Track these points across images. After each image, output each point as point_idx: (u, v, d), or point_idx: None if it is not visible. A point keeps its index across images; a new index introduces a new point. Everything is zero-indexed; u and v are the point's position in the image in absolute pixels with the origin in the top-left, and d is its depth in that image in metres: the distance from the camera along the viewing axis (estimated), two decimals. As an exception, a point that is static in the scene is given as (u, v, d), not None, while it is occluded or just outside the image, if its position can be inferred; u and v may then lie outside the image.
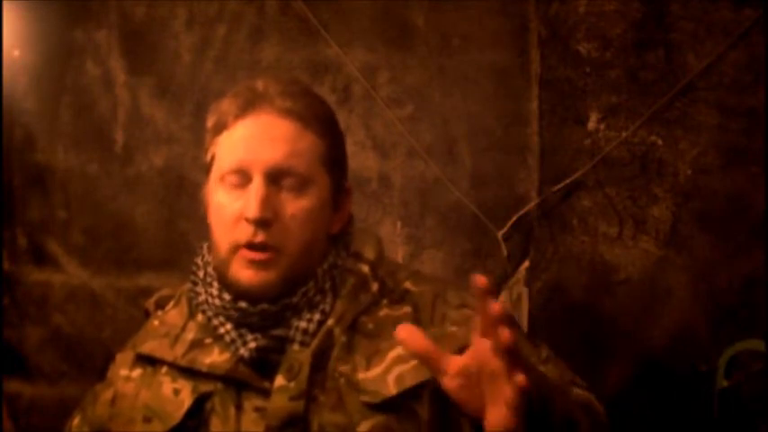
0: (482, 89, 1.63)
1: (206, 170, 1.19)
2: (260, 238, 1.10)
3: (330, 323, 1.13)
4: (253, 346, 1.12)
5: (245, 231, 1.11)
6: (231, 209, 1.13)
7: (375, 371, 1.10)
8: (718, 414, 1.49)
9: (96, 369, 1.61)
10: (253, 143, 1.13)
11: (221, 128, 1.16)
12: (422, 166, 1.66)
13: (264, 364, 1.12)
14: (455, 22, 1.63)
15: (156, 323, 1.23)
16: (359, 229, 1.26)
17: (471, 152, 1.64)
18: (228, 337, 1.14)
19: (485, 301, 0.83)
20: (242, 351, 1.12)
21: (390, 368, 1.10)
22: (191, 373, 1.14)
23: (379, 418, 1.08)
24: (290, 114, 1.14)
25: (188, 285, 1.22)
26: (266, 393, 1.10)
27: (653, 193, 1.54)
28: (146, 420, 1.14)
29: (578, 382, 1.18)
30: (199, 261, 1.22)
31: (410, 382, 1.09)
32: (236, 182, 1.13)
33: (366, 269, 1.18)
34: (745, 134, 1.49)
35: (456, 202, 1.64)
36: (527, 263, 1.61)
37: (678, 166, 1.53)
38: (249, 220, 1.10)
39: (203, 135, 1.20)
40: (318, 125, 1.16)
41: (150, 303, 1.29)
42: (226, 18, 1.76)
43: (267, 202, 1.11)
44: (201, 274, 1.20)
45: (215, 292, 1.16)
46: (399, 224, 1.68)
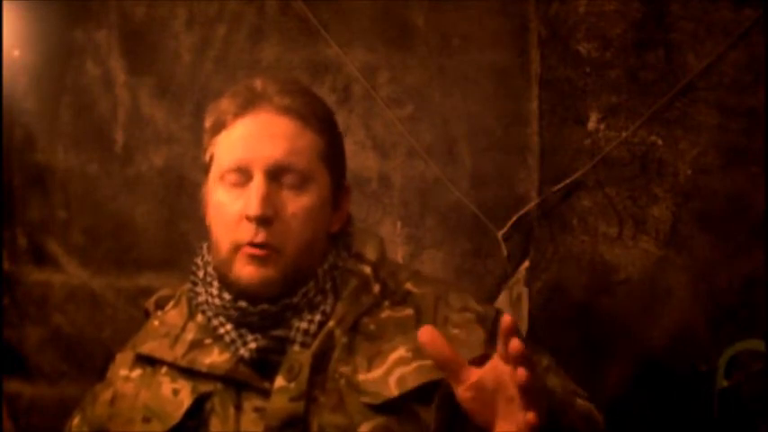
0: (482, 89, 1.63)
1: (205, 170, 1.19)
2: (261, 237, 1.10)
3: (331, 324, 1.13)
4: (253, 346, 1.11)
5: (246, 231, 1.11)
6: (232, 208, 1.12)
7: (376, 372, 1.10)
8: (718, 414, 1.49)
9: (96, 369, 1.61)
10: (252, 141, 1.13)
11: (220, 127, 1.15)
12: (422, 166, 1.65)
13: (264, 365, 1.11)
14: (455, 22, 1.63)
15: (156, 323, 1.23)
16: (360, 229, 1.25)
17: (471, 152, 1.63)
18: (228, 338, 1.13)
19: (507, 338, 0.87)
20: (242, 351, 1.12)
21: (392, 370, 1.10)
22: (190, 373, 1.14)
23: (380, 419, 1.08)
24: (289, 112, 1.14)
25: (188, 285, 1.22)
26: (266, 394, 1.10)
27: (653, 193, 1.54)
28: (145, 420, 1.13)
29: (579, 392, 1.18)
30: (198, 261, 1.22)
31: (412, 383, 1.08)
32: (236, 180, 1.13)
33: (368, 270, 1.18)
34: (745, 134, 1.49)
35: (456, 202, 1.63)
36: (527, 263, 1.61)
37: (678, 166, 1.53)
38: (250, 218, 1.10)
39: (203, 135, 1.20)
40: (317, 123, 1.16)
41: (150, 303, 1.29)
42: (226, 18, 1.76)
43: (268, 200, 1.10)
44: (201, 274, 1.20)
45: (215, 291, 1.16)
46: (399, 224, 1.68)
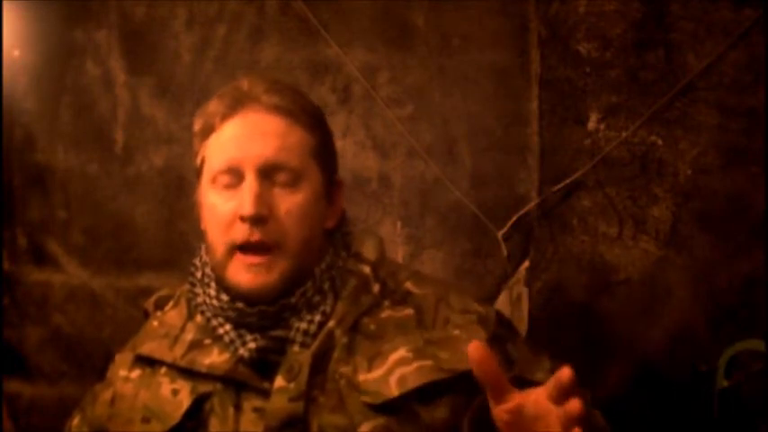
0: (482, 89, 1.63)
1: (197, 174, 1.19)
2: (256, 236, 1.10)
3: (331, 324, 1.13)
4: (252, 346, 1.11)
5: (240, 231, 1.11)
6: (225, 209, 1.12)
7: (377, 372, 1.10)
8: (718, 414, 1.49)
9: (96, 369, 1.61)
10: (243, 141, 1.13)
11: (209, 130, 1.15)
12: (422, 166, 1.65)
13: (264, 365, 1.11)
14: (455, 22, 1.63)
15: (156, 324, 1.23)
16: (359, 229, 1.26)
17: (471, 152, 1.63)
18: (228, 338, 1.13)
19: (567, 394, 0.87)
20: (241, 351, 1.12)
21: (392, 370, 1.10)
22: (190, 373, 1.14)
23: (380, 419, 1.07)
24: (278, 110, 1.14)
25: (187, 286, 1.22)
26: (266, 394, 1.10)
27: (653, 193, 1.54)
28: (144, 421, 1.14)
29: (587, 398, 1.18)
30: (197, 262, 1.22)
31: (412, 384, 1.08)
32: (228, 181, 1.13)
33: (367, 270, 1.18)
34: (745, 134, 1.49)
35: (456, 202, 1.63)
36: (527, 263, 1.60)
37: (678, 166, 1.53)
38: (245, 218, 1.10)
39: (193, 139, 1.19)
40: (307, 120, 1.16)
41: (149, 304, 1.29)
42: (226, 18, 1.76)
43: (261, 199, 1.10)
44: (199, 275, 1.20)
45: (213, 292, 1.16)
46: (399, 224, 1.68)
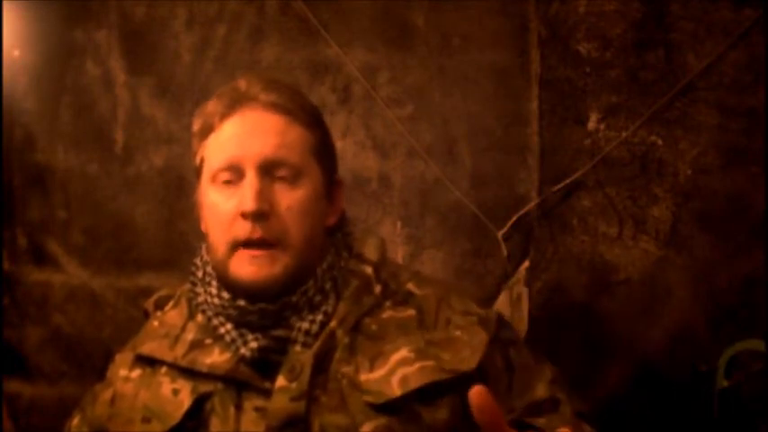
0: (482, 89, 1.63)
1: (196, 174, 1.19)
2: (258, 233, 1.10)
3: (333, 325, 1.13)
4: (254, 345, 1.11)
5: (242, 228, 1.11)
6: (226, 207, 1.13)
7: (378, 372, 1.10)
8: (719, 414, 1.49)
9: (96, 369, 1.61)
10: (243, 138, 1.13)
11: (208, 130, 1.16)
12: (422, 166, 1.65)
13: (265, 365, 1.11)
14: (455, 22, 1.63)
15: (156, 324, 1.23)
16: (361, 230, 1.26)
17: (471, 152, 1.63)
18: (229, 337, 1.13)
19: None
20: (243, 350, 1.12)
21: (394, 370, 1.10)
22: (190, 373, 1.14)
23: (382, 419, 1.07)
24: (276, 108, 1.14)
25: (187, 286, 1.22)
26: (267, 393, 1.10)
27: (653, 193, 1.54)
28: (145, 421, 1.14)
29: (584, 411, 1.19)
30: (198, 261, 1.22)
31: (414, 384, 1.08)
32: (228, 179, 1.13)
33: (369, 271, 1.18)
34: (745, 134, 1.49)
35: (456, 202, 1.63)
36: (527, 263, 1.60)
37: (678, 166, 1.53)
38: (246, 215, 1.10)
39: (192, 139, 1.20)
40: (305, 117, 1.17)
41: (149, 304, 1.29)
42: (226, 18, 1.76)
43: (262, 195, 1.10)
44: (200, 275, 1.20)
45: (214, 291, 1.16)
46: (399, 224, 1.68)
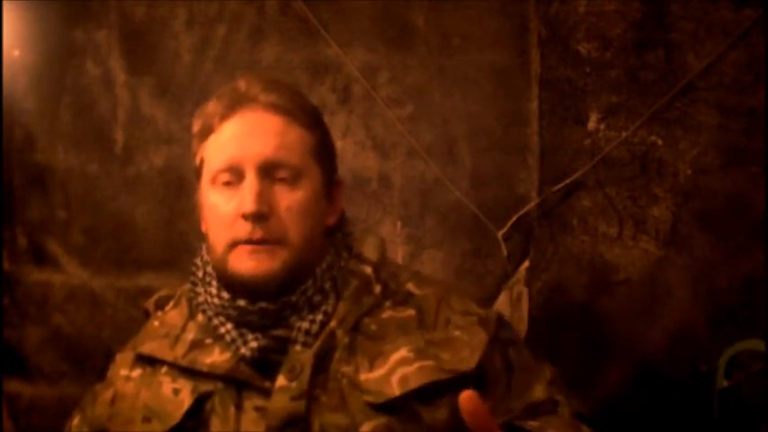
0: (482, 89, 1.63)
1: (196, 176, 1.19)
2: (258, 234, 1.10)
3: (333, 324, 1.13)
4: (254, 345, 1.11)
5: (242, 229, 1.11)
6: (226, 208, 1.13)
7: (378, 372, 1.10)
8: (719, 414, 1.49)
9: (96, 369, 1.61)
10: (242, 139, 1.13)
11: (208, 131, 1.16)
12: (422, 166, 1.65)
13: (265, 365, 1.11)
14: (455, 22, 1.63)
15: (156, 324, 1.23)
16: (361, 230, 1.26)
17: (471, 152, 1.63)
18: (229, 337, 1.13)
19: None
20: (243, 350, 1.12)
21: (394, 369, 1.10)
22: (191, 373, 1.14)
23: (382, 419, 1.08)
24: (276, 109, 1.14)
25: (187, 286, 1.22)
26: (267, 393, 1.10)
27: (653, 193, 1.54)
28: (145, 420, 1.14)
29: (583, 412, 1.19)
30: (198, 261, 1.22)
31: (414, 383, 1.09)
32: (228, 180, 1.13)
33: (369, 271, 1.19)
34: (745, 134, 1.49)
35: (456, 202, 1.63)
36: (527, 263, 1.60)
37: (678, 166, 1.53)
38: (246, 216, 1.10)
39: (192, 140, 1.20)
40: (305, 118, 1.17)
41: (150, 304, 1.29)
42: (226, 18, 1.76)
43: (262, 196, 1.11)
44: (201, 274, 1.20)
45: (214, 291, 1.16)
46: (399, 224, 1.68)
